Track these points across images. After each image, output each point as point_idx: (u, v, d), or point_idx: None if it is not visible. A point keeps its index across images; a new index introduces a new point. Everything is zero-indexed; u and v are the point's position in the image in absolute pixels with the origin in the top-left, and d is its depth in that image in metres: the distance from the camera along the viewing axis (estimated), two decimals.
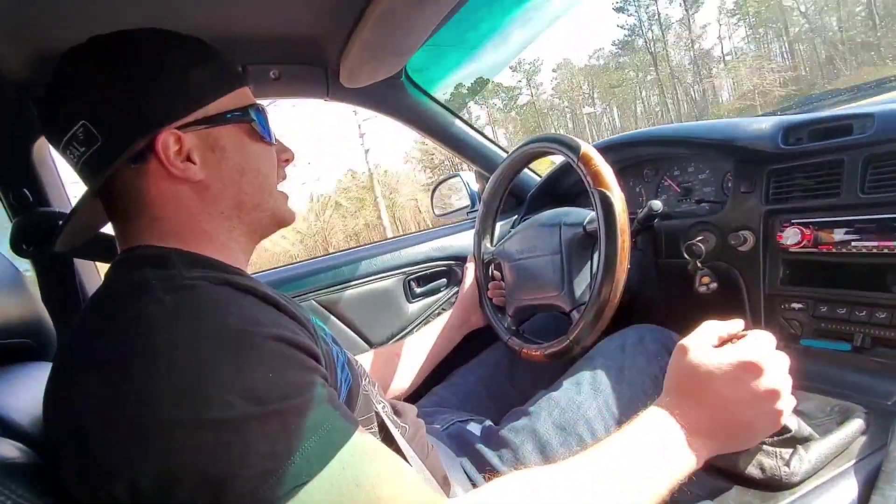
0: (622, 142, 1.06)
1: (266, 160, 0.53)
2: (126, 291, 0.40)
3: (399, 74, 1.12)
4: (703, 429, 0.46)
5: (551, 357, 0.78)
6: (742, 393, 0.46)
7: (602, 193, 0.71)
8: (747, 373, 0.46)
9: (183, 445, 0.32)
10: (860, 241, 0.67)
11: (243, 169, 0.50)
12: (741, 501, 0.49)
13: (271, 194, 0.54)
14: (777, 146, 0.77)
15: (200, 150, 0.47)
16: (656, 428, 0.46)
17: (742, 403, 0.46)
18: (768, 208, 0.79)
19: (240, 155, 0.50)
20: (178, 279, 0.40)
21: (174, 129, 0.46)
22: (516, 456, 0.66)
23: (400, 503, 0.35)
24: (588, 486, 0.42)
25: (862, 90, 0.97)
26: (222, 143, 0.49)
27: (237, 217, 0.51)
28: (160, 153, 0.45)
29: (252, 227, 0.53)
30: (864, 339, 0.67)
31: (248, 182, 0.51)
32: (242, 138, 0.51)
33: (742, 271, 0.84)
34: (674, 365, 0.50)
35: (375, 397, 0.60)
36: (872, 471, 0.48)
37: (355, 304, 1.14)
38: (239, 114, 0.50)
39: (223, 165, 0.49)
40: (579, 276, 0.82)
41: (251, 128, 0.51)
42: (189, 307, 0.37)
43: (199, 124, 0.47)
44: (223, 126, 0.49)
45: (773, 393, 0.46)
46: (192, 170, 0.47)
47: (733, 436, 0.47)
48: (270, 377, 0.35)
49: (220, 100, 0.49)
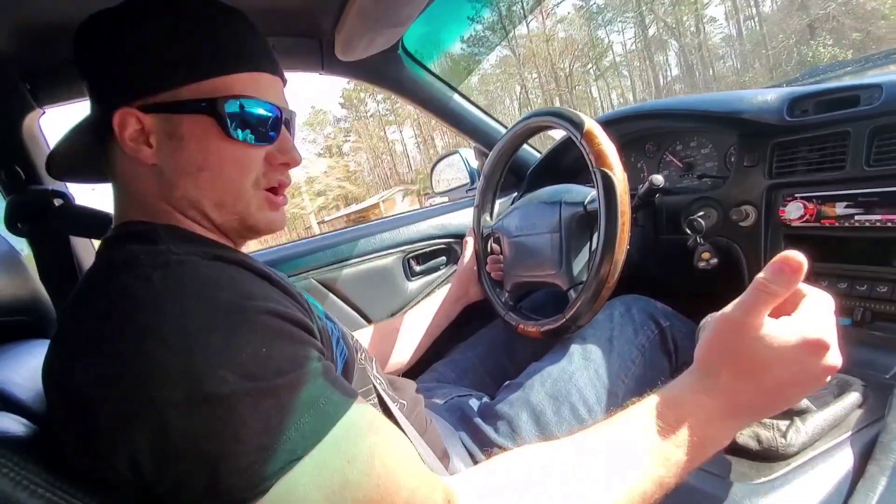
0: (625, 115, 1.04)
1: (237, 161, 0.47)
2: (115, 268, 0.39)
3: (395, 47, 1.09)
4: (742, 410, 0.40)
5: (547, 334, 0.78)
6: (803, 374, 0.38)
7: (604, 173, 0.70)
8: (812, 353, 0.38)
9: (177, 422, 0.32)
10: (863, 214, 0.66)
11: (201, 165, 0.46)
12: (738, 472, 0.49)
13: (239, 197, 0.48)
14: (782, 118, 0.75)
15: (158, 134, 0.45)
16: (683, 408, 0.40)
17: (801, 384, 0.39)
18: (771, 182, 0.78)
19: (198, 149, 0.46)
20: (167, 254, 0.39)
21: (135, 109, 0.44)
22: (512, 427, 0.68)
23: (396, 480, 0.35)
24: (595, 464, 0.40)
25: (870, 61, 0.95)
26: (182, 133, 0.45)
27: (200, 212, 0.48)
28: (116, 130, 0.45)
29: (222, 226, 0.49)
30: (864, 313, 0.67)
31: (207, 180, 0.47)
32: (208, 132, 0.46)
33: (743, 247, 0.83)
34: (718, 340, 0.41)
35: (372, 373, 0.60)
36: (869, 442, 0.49)
37: (354, 282, 1.14)
38: (206, 104, 0.45)
39: (178, 155, 0.46)
40: (578, 256, 0.82)
41: (220, 125, 0.46)
42: (179, 283, 0.37)
43: (163, 108, 0.45)
44: (188, 115, 0.45)
45: (832, 369, 0.39)
46: (143, 153, 0.45)
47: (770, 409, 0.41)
48: (264, 352, 0.35)
49: (200, 84, 0.45)
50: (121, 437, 0.32)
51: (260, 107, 0.47)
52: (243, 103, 0.46)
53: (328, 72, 1.08)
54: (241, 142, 0.47)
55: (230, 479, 0.31)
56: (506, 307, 0.91)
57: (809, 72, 1.25)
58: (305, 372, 0.36)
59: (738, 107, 0.81)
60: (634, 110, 1.04)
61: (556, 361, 0.74)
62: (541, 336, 0.80)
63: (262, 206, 0.50)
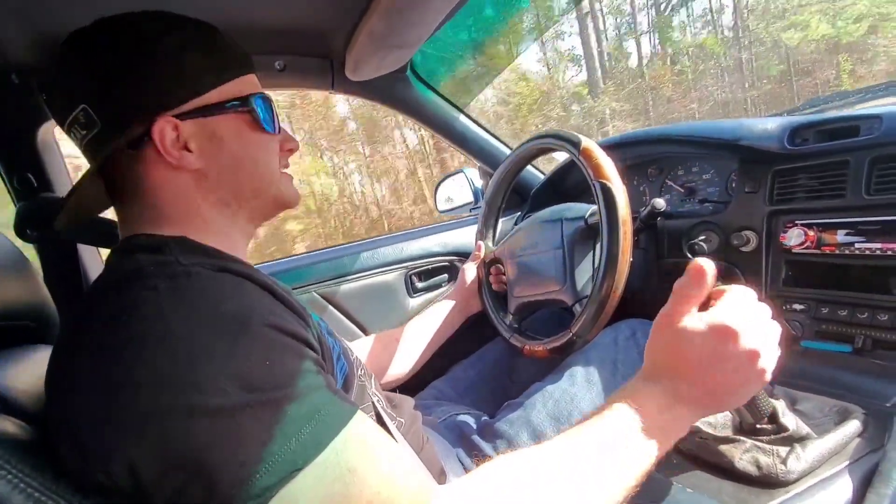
0: (627, 140, 1.05)
1: (266, 149, 0.52)
2: (123, 278, 0.40)
3: (405, 68, 1.12)
4: (684, 397, 0.44)
5: (554, 352, 0.78)
6: (720, 359, 0.43)
7: (603, 185, 0.71)
8: (724, 338, 0.43)
9: (177, 432, 0.32)
10: (864, 242, 0.67)
11: (241, 158, 0.50)
12: (737, 498, 0.49)
13: (271, 182, 0.53)
14: (783, 146, 0.77)
15: (198, 138, 0.47)
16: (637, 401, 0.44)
17: (722, 370, 0.44)
18: (772, 209, 0.79)
19: (238, 144, 0.50)
20: (175, 266, 0.40)
21: (171, 117, 0.46)
22: (512, 446, 0.67)
23: (395, 489, 0.35)
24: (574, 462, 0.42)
25: (871, 92, 0.97)
26: (220, 133, 0.49)
27: (236, 204, 0.51)
28: (156, 140, 0.45)
29: (253, 212, 0.53)
30: (864, 341, 0.67)
31: (246, 171, 0.51)
32: (242, 128, 0.50)
33: (744, 271, 0.84)
34: (652, 337, 0.47)
35: (371, 389, 0.60)
36: (868, 471, 0.48)
37: (356, 296, 1.15)
38: (238, 103, 0.49)
39: (221, 155, 0.49)
40: (581, 270, 0.82)
41: (252, 117, 0.50)
42: (185, 294, 0.37)
43: (198, 112, 0.47)
44: (223, 115, 0.49)
45: (752, 354, 0.43)
46: (188, 158, 0.47)
47: (717, 399, 0.45)
48: (267, 364, 0.35)
49: (221, 87, 0.49)
50: (121, 445, 0.32)
51: (269, 102, 0.53)
52: (262, 99, 0.51)
53: (338, 90, 1.11)
54: (267, 132, 0.52)
55: (229, 490, 0.32)
56: (510, 330, 0.91)
57: (810, 102, 1.28)
58: (306, 385, 0.36)
59: (739, 134, 0.83)
60: (637, 135, 1.06)
61: (558, 382, 0.73)
62: (547, 354, 0.79)
63: (287, 183, 0.56)
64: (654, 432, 0.43)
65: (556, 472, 0.42)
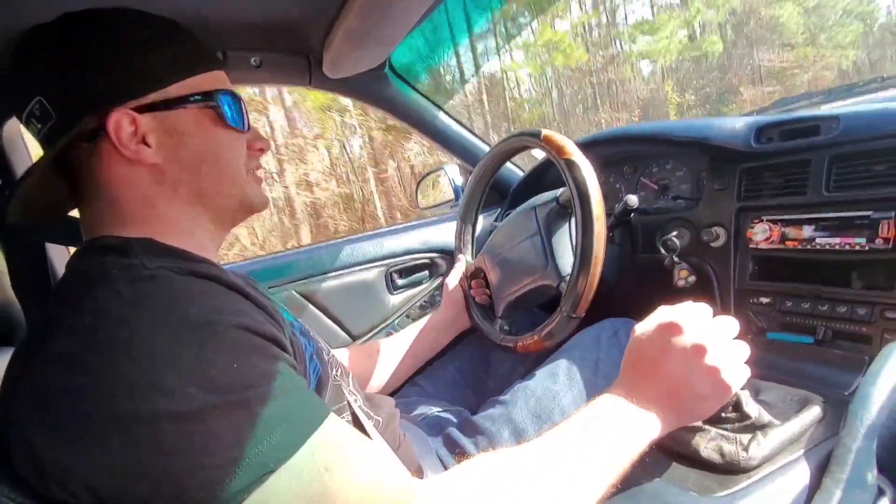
0: (603, 138, 1.08)
1: (229, 147, 0.51)
2: (87, 282, 0.39)
3: (383, 65, 1.12)
4: (651, 400, 0.48)
5: (547, 338, 0.75)
6: (669, 353, 0.49)
7: (567, 160, 0.73)
8: (668, 333, 0.49)
9: (142, 438, 0.31)
10: (824, 238, 0.70)
11: (202, 155, 0.49)
12: (702, 485, 0.50)
13: (234, 182, 0.52)
14: (749, 145, 0.79)
15: (157, 133, 0.46)
16: (610, 405, 0.48)
17: (673, 364, 0.48)
18: (740, 205, 0.82)
19: (199, 140, 0.48)
20: (140, 269, 0.39)
21: (129, 110, 0.45)
22: (492, 443, 0.68)
23: (374, 486, 0.36)
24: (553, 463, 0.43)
25: (833, 94, 1.02)
26: (180, 128, 0.47)
27: (200, 203, 0.50)
28: (111, 133, 0.44)
29: (218, 213, 0.52)
30: (825, 332, 0.70)
31: (210, 169, 0.49)
32: (204, 123, 0.49)
33: (714, 266, 0.86)
34: (626, 348, 0.54)
35: (348, 388, 0.60)
36: (825, 456, 0.50)
37: (336, 294, 1.14)
38: (201, 98, 0.48)
39: (180, 151, 0.48)
40: (561, 249, 0.82)
41: (216, 113, 0.49)
42: (149, 299, 0.37)
43: (158, 106, 0.46)
44: (183, 109, 0.47)
45: (698, 348, 0.48)
46: (145, 153, 0.46)
47: (682, 403, 0.49)
48: (235, 367, 0.35)
49: (185, 82, 0.48)
50: (82, 456, 0.31)
51: (237, 99, 0.51)
52: (229, 94, 0.50)
53: (315, 87, 1.10)
54: (234, 129, 0.51)
55: (199, 494, 0.31)
56: (501, 332, 0.89)
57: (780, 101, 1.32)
58: (277, 386, 0.36)
59: (708, 133, 0.85)
60: (612, 134, 1.08)
61: (540, 380, 0.73)
62: (541, 344, 0.77)
63: (255, 186, 0.55)
64: (629, 433, 0.46)
65: (537, 471, 0.43)
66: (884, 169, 0.66)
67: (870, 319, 0.66)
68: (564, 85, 12.23)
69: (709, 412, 0.50)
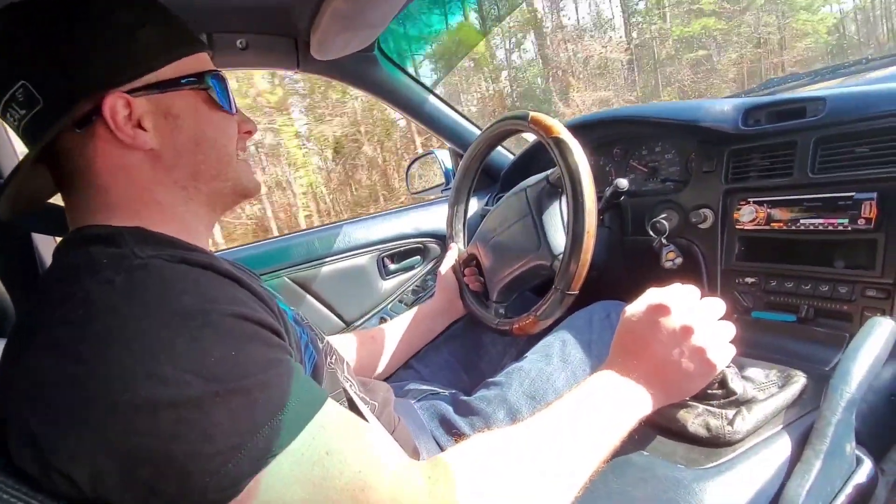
0: (593, 121, 1.08)
1: (224, 130, 0.51)
2: (77, 272, 0.38)
3: (371, 47, 1.10)
4: (640, 378, 0.50)
5: (544, 315, 0.76)
6: (658, 333, 0.50)
7: (556, 139, 0.73)
8: (656, 314, 0.51)
9: (142, 426, 0.31)
10: (808, 218, 0.71)
11: (198, 138, 0.48)
12: (688, 458, 0.52)
13: (230, 165, 0.51)
14: (737, 127, 0.80)
15: (153, 116, 0.45)
16: (602, 383, 0.50)
17: (662, 344, 0.50)
18: (727, 187, 0.83)
19: (195, 123, 0.48)
20: (130, 258, 0.38)
21: (123, 93, 0.43)
22: (487, 424, 0.69)
23: (375, 467, 0.36)
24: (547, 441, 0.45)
25: (819, 74, 1.02)
26: (176, 111, 0.47)
27: (194, 188, 0.49)
28: (107, 117, 0.43)
29: (211, 198, 0.51)
30: (808, 310, 0.72)
31: (205, 152, 0.49)
32: (199, 106, 0.48)
33: (701, 248, 0.88)
34: (617, 328, 0.55)
35: (343, 374, 0.60)
36: (806, 429, 0.52)
37: (328, 281, 1.15)
38: (194, 80, 0.47)
39: (177, 134, 0.47)
40: (553, 228, 0.82)
41: (208, 95, 0.48)
42: (142, 288, 0.36)
43: (152, 89, 0.45)
44: (177, 91, 0.46)
45: (686, 329, 0.49)
46: (142, 137, 0.45)
47: (670, 381, 0.51)
48: (232, 355, 0.35)
49: (175, 64, 0.47)
50: (82, 445, 0.31)
51: (224, 81, 0.51)
52: (217, 76, 0.49)
53: (303, 70, 1.08)
54: (225, 111, 0.50)
55: (202, 480, 0.31)
56: (497, 316, 0.90)
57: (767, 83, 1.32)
58: (276, 373, 0.36)
59: (697, 115, 0.86)
60: (602, 116, 1.08)
61: (534, 362, 0.74)
62: (537, 321, 0.77)
63: (247, 170, 0.54)
64: (620, 410, 0.48)
65: (531, 448, 0.44)
66: (866, 151, 0.67)
67: (851, 298, 0.68)
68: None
69: (695, 390, 0.52)
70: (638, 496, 0.50)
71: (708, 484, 0.48)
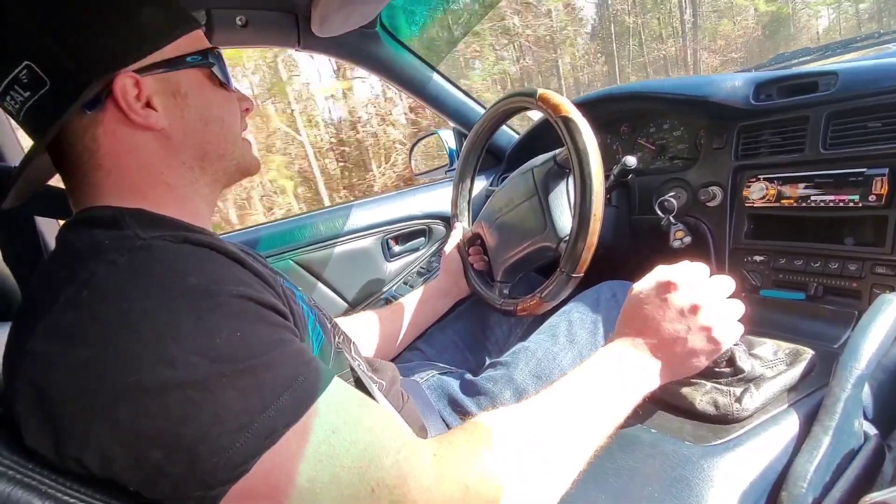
0: (600, 97, 1.06)
1: (228, 108, 0.50)
2: (80, 254, 0.38)
3: (373, 23, 1.08)
4: (647, 354, 0.50)
5: (549, 297, 0.75)
6: (665, 310, 0.50)
7: (564, 118, 0.72)
8: (664, 291, 0.51)
9: (151, 408, 0.31)
10: (819, 195, 0.70)
11: (206, 117, 0.48)
12: (696, 435, 0.53)
13: (235, 143, 0.51)
14: (748, 102, 0.78)
15: (161, 95, 0.45)
16: (608, 357, 0.51)
17: (669, 320, 0.50)
18: (737, 164, 0.81)
19: (203, 102, 0.48)
20: (133, 240, 0.38)
21: (132, 73, 0.43)
22: (494, 403, 0.69)
23: (381, 445, 0.36)
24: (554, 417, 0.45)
25: (830, 49, 0.99)
26: (184, 89, 0.46)
27: (200, 167, 0.49)
28: (118, 98, 0.42)
29: (216, 176, 0.51)
30: (816, 288, 0.72)
31: (212, 130, 0.49)
32: (204, 84, 0.48)
33: (710, 226, 0.87)
34: (623, 304, 0.55)
35: (350, 354, 0.60)
36: (815, 406, 0.53)
37: (333, 263, 1.14)
38: (199, 57, 0.47)
39: (185, 113, 0.47)
40: (560, 210, 0.82)
41: (211, 73, 0.48)
42: (146, 268, 0.36)
43: (158, 68, 0.44)
44: (183, 70, 0.46)
45: (693, 307, 0.49)
46: (153, 117, 0.44)
47: (676, 358, 0.50)
48: (239, 336, 0.35)
49: (177, 42, 0.46)
50: (92, 429, 0.32)
51: (222, 58, 0.50)
52: (218, 54, 0.49)
53: (304, 48, 1.06)
54: (229, 89, 0.50)
55: (211, 460, 0.32)
56: (501, 297, 0.90)
57: (777, 58, 1.29)
58: (280, 353, 0.36)
59: (707, 91, 0.84)
60: (610, 92, 1.06)
61: (541, 342, 0.75)
62: (542, 302, 0.77)
63: (248, 149, 0.54)
64: (626, 386, 0.48)
65: (538, 425, 0.44)
66: (879, 126, 0.66)
67: (860, 275, 0.67)
68: None
69: (701, 367, 0.52)
70: (646, 472, 0.50)
71: (716, 460, 0.49)
